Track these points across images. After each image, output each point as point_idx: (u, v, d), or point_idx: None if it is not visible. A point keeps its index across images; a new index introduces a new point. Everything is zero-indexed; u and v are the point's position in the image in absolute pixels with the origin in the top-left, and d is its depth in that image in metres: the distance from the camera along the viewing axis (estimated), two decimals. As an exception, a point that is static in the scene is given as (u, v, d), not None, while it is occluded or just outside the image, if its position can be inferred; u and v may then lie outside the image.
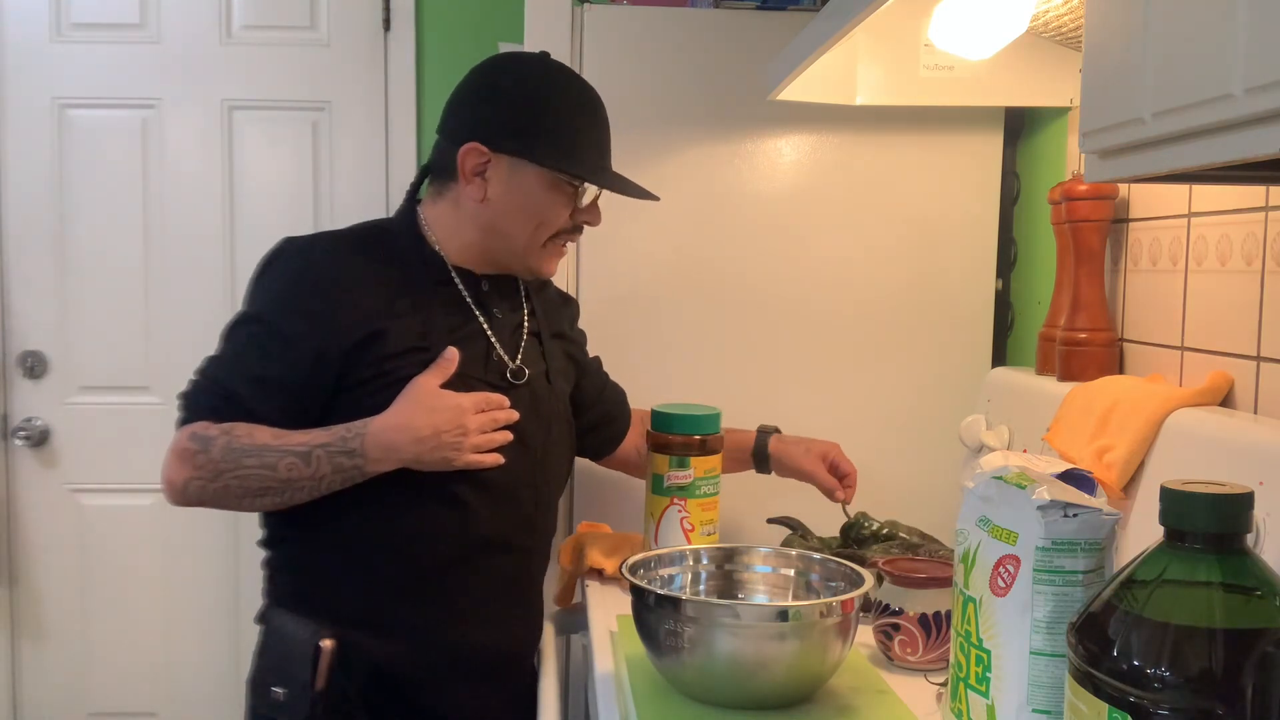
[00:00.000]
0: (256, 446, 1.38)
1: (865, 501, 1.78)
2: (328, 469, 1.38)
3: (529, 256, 1.51)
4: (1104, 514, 0.96)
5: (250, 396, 1.42)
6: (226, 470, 1.38)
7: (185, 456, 1.39)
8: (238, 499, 1.40)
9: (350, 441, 1.38)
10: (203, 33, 2.66)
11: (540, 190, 1.47)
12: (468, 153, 1.46)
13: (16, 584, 2.71)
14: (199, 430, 1.40)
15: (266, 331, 1.43)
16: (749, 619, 1.16)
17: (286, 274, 1.46)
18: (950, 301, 2.00)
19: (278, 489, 1.39)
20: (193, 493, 1.40)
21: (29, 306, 2.69)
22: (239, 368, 1.44)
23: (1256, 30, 0.66)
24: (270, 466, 1.38)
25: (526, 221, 1.48)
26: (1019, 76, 1.76)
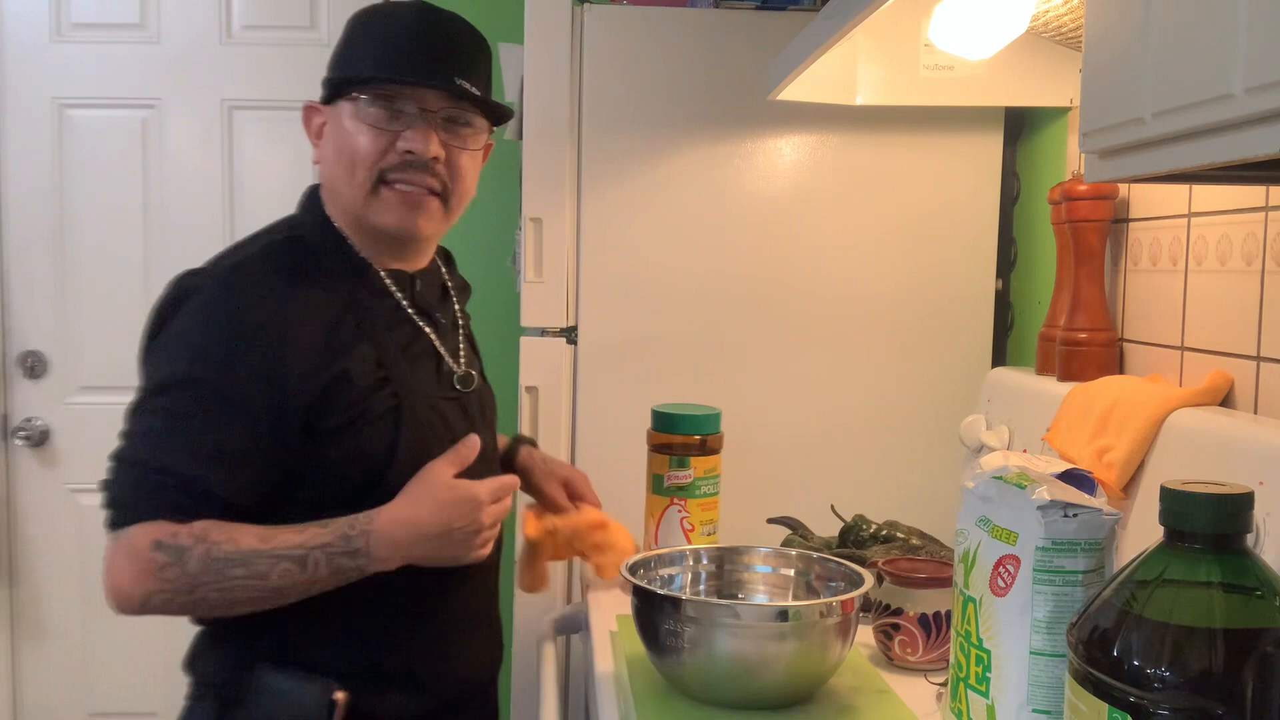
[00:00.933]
0: (242, 554, 1.18)
1: (865, 501, 1.78)
2: (326, 572, 1.21)
3: (365, 209, 1.31)
4: (1104, 514, 0.96)
5: (211, 478, 1.20)
6: (206, 583, 1.18)
7: (149, 568, 1.17)
8: (211, 609, 1.21)
9: (354, 540, 1.21)
10: (203, 33, 2.66)
11: (348, 124, 1.30)
12: (305, 115, 1.36)
13: (16, 584, 2.71)
14: (165, 538, 1.18)
15: (211, 395, 1.21)
16: (749, 619, 1.16)
17: (212, 322, 1.23)
18: (950, 301, 2.00)
19: (266, 598, 1.21)
20: (155, 605, 1.19)
21: (29, 306, 2.69)
22: (186, 444, 1.20)
23: (1256, 30, 0.66)
24: (261, 575, 1.19)
25: (343, 166, 1.30)
26: (1019, 76, 1.76)
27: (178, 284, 1.27)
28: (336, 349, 1.25)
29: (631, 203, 1.96)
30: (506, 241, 2.64)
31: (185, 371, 1.22)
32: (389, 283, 1.35)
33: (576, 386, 1.98)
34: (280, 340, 1.22)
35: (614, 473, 1.93)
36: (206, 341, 1.22)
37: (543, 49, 1.92)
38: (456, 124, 1.33)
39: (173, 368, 1.23)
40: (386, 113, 1.29)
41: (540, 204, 1.93)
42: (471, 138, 1.35)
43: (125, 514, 1.20)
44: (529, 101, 1.93)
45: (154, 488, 1.20)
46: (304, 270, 1.29)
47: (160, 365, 1.24)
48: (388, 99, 1.29)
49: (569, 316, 1.98)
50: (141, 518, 1.19)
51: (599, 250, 1.96)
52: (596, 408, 1.98)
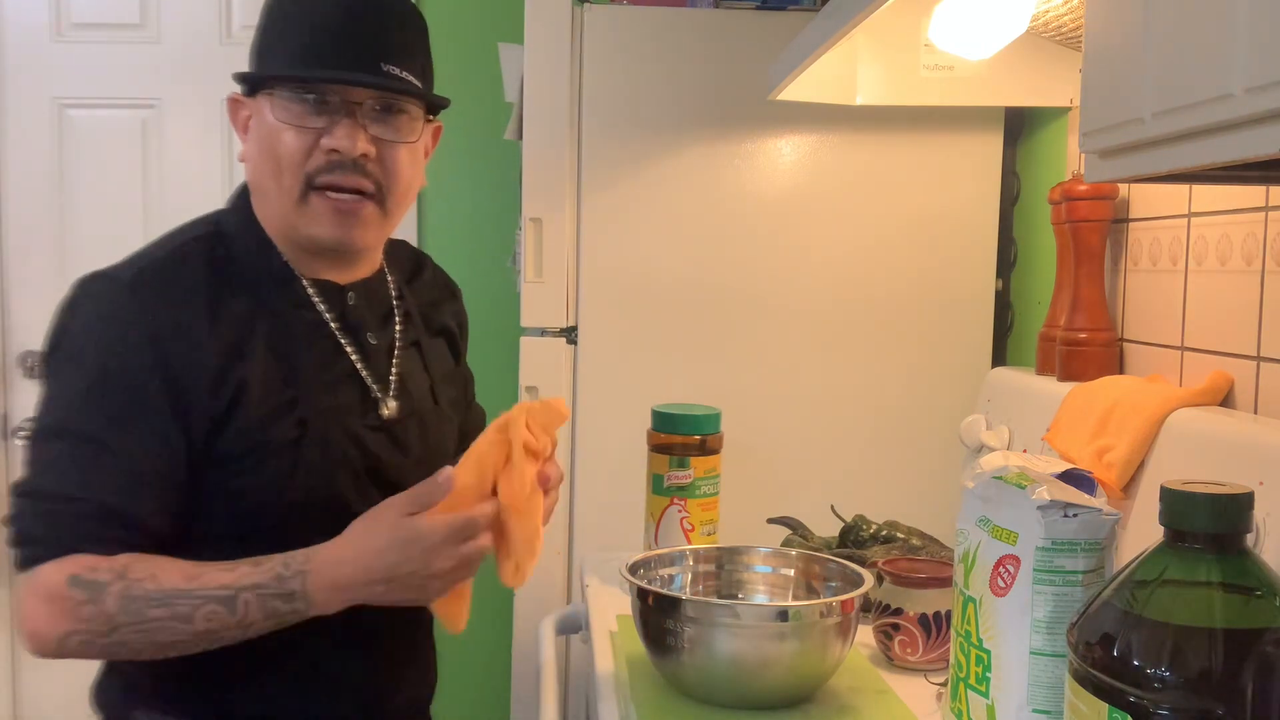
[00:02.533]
0: (164, 593, 1.07)
1: (865, 502, 1.78)
2: (258, 615, 1.08)
3: (295, 218, 1.18)
4: (1104, 514, 0.96)
5: (127, 503, 1.09)
6: (125, 624, 1.06)
7: (63, 607, 1.06)
8: (135, 652, 1.09)
9: (289, 581, 1.08)
10: (203, 33, 2.66)
11: (271, 123, 1.16)
12: (230, 107, 1.23)
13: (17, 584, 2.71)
14: (82, 573, 1.06)
15: (116, 414, 1.10)
16: (749, 619, 1.16)
17: (108, 336, 1.11)
18: (950, 301, 2.00)
19: (191, 641, 1.08)
20: (72, 647, 1.08)
21: (29, 306, 2.69)
22: (96, 469, 1.09)
23: (1256, 30, 0.66)
24: (184, 618, 1.07)
25: (268, 167, 1.17)
26: (1019, 76, 1.76)
27: (74, 292, 1.15)
28: (237, 363, 1.13)
29: (631, 203, 1.96)
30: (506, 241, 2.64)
31: (85, 390, 1.10)
32: (313, 295, 1.22)
33: (576, 386, 1.98)
34: (182, 353, 1.11)
35: (614, 473, 1.94)
36: (106, 355, 1.11)
37: (543, 49, 1.92)
38: (390, 113, 1.19)
39: (70, 390, 1.11)
40: (308, 107, 1.15)
41: (540, 204, 1.93)
42: (407, 128, 1.21)
43: (37, 550, 1.09)
44: (529, 101, 1.93)
45: (66, 519, 1.08)
46: (216, 275, 1.17)
47: (58, 385, 1.13)
48: (308, 91, 1.15)
49: (569, 316, 1.98)
50: (55, 553, 1.08)
51: (599, 250, 1.96)
52: (596, 408, 1.98)
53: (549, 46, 1.92)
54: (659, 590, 1.25)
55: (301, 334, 1.20)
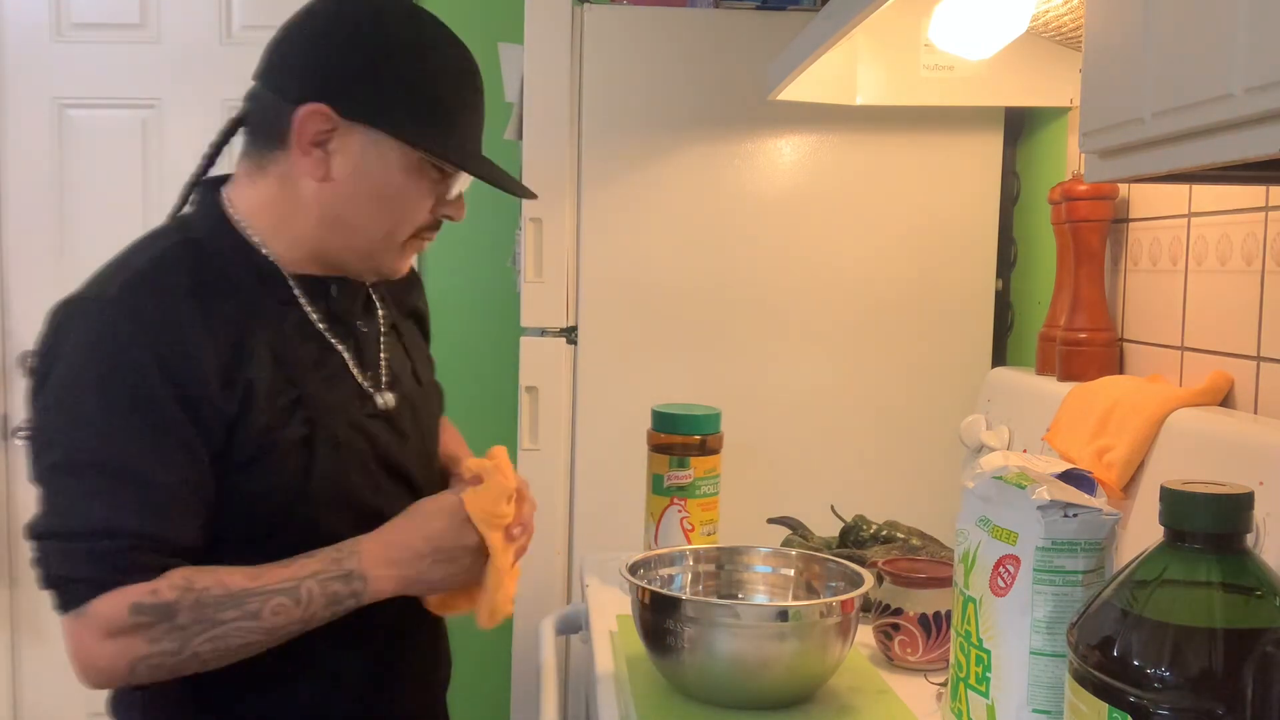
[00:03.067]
0: (232, 595, 1.07)
1: (865, 502, 1.78)
2: (321, 603, 1.10)
3: (381, 256, 1.21)
4: (1104, 514, 0.96)
5: (165, 526, 1.07)
6: (199, 634, 1.06)
7: (131, 636, 1.05)
8: (204, 663, 1.09)
9: (344, 562, 1.11)
10: (203, 33, 2.66)
11: (400, 175, 1.15)
12: (309, 117, 1.12)
13: (16, 584, 2.70)
14: (141, 599, 1.05)
15: (133, 435, 1.07)
16: (749, 619, 1.16)
17: (108, 355, 1.07)
18: (950, 301, 2.00)
19: (261, 640, 1.09)
20: (142, 673, 1.07)
21: (29, 306, 2.69)
22: (125, 498, 1.06)
23: (1256, 30, 0.66)
24: (254, 615, 1.07)
25: (381, 214, 1.17)
26: (1019, 76, 1.76)
27: (56, 317, 1.12)
28: (243, 365, 1.11)
29: (631, 203, 1.96)
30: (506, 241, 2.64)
31: (94, 419, 1.06)
32: (297, 292, 1.20)
33: (576, 386, 1.98)
34: (185, 363, 1.08)
35: (614, 473, 1.94)
36: (107, 378, 1.06)
37: (543, 49, 1.92)
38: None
39: (78, 417, 1.07)
40: (440, 178, 1.20)
41: (540, 204, 1.93)
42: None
43: (81, 589, 1.06)
44: (529, 101, 1.93)
45: (105, 555, 1.06)
46: (200, 279, 1.13)
47: (62, 417, 1.08)
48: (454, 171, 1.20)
49: (569, 316, 1.98)
50: (102, 589, 1.06)
51: (599, 250, 1.96)
52: (596, 408, 1.98)
53: (549, 46, 1.93)
54: (659, 590, 1.25)
55: (293, 333, 1.18)
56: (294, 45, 1.17)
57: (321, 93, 1.13)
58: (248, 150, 1.21)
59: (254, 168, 1.20)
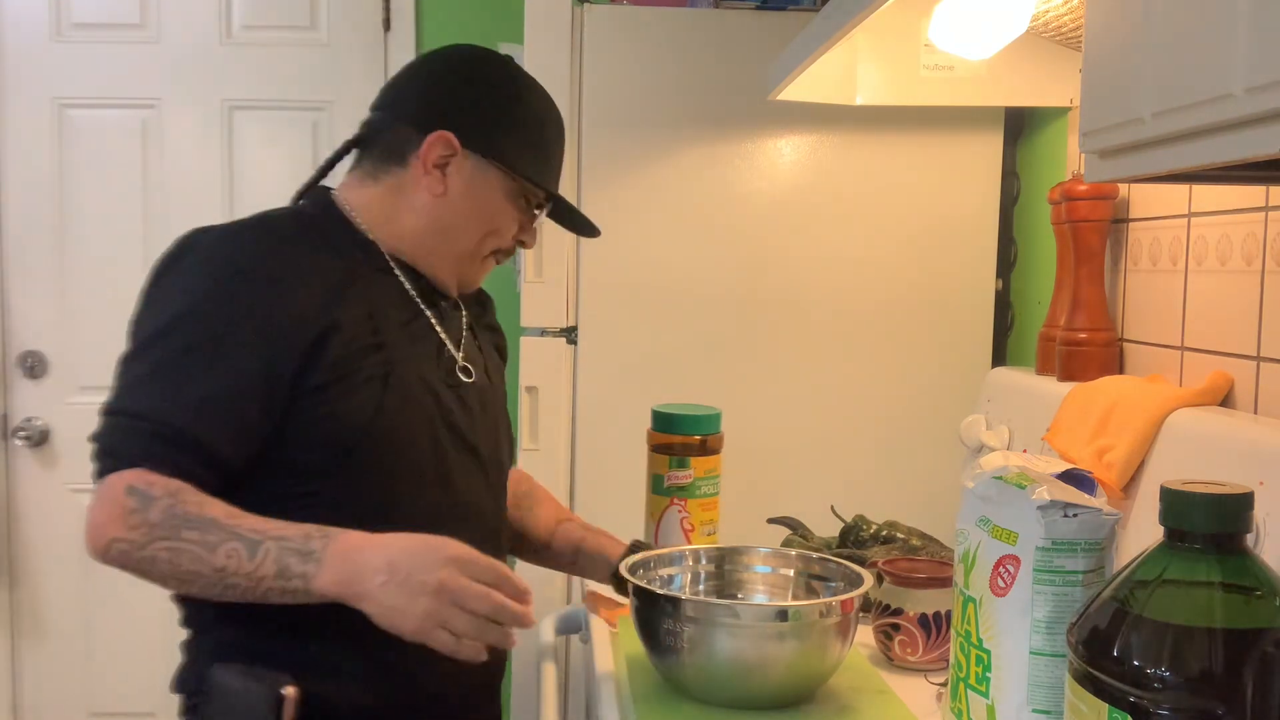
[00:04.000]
0: (202, 519, 1.13)
1: (865, 502, 1.78)
2: (271, 570, 1.12)
3: (467, 265, 1.39)
4: (1104, 514, 0.96)
5: (195, 424, 1.17)
6: (160, 539, 1.12)
7: (117, 512, 1.13)
8: (161, 577, 1.15)
9: (311, 541, 1.12)
10: (203, 33, 2.66)
11: (501, 198, 1.36)
12: (435, 142, 1.32)
13: (16, 584, 2.71)
14: (138, 483, 1.14)
15: (201, 339, 1.19)
16: (749, 619, 1.16)
17: (210, 268, 1.23)
18: (950, 301, 2.00)
19: (208, 578, 1.13)
20: (114, 555, 1.15)
21: (29, 306, 2.69)
22: (171, 391, 1.17)
23: (1256, 30, 0.66)
24: (209, 547, 1.12)
25: (479, 227, 1.36)
26: (1019, 76, 1.76)
27: (179, 240, 1.26)
28: (332, 305, 1.24)
29: (631, 203, 1.96)
30: (506, 241, 2.64)
31: (176, 319, 1.19)
32: (394, 265, 1.35)
33: (576, 386, 1.98)
34: (275, 290, 1.21)
35: (614, 473, 1.94)
36: (200, 289, 1.21)
37: (543, 49, 1.92)
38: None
39: (164, 316, 1.20)
40: (530, 206, 1.39)
41: (540, 204, 1.93)
42: None
43: (110, 462, 1.17)
44: (529, 101, 1.93)
45: (141, 436, 1.16)
46: (308, 236, 1.30)
47: (152, 315, 1.22)
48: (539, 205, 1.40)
49: (569, 316, 1.98)
50: (123, 465, 1.16)
51: (599, 250, 1.96)
52: (596, 408, 1.98)
53: (549, 46, 1.92)
54: (659, 590, 1.25)
55: (385, 293, 1.32)
56: (423, 81, 1.37)
57: (449, 124, 1.33)
58: (360, 162, 1.38)
59: (366, 176, 1.36)
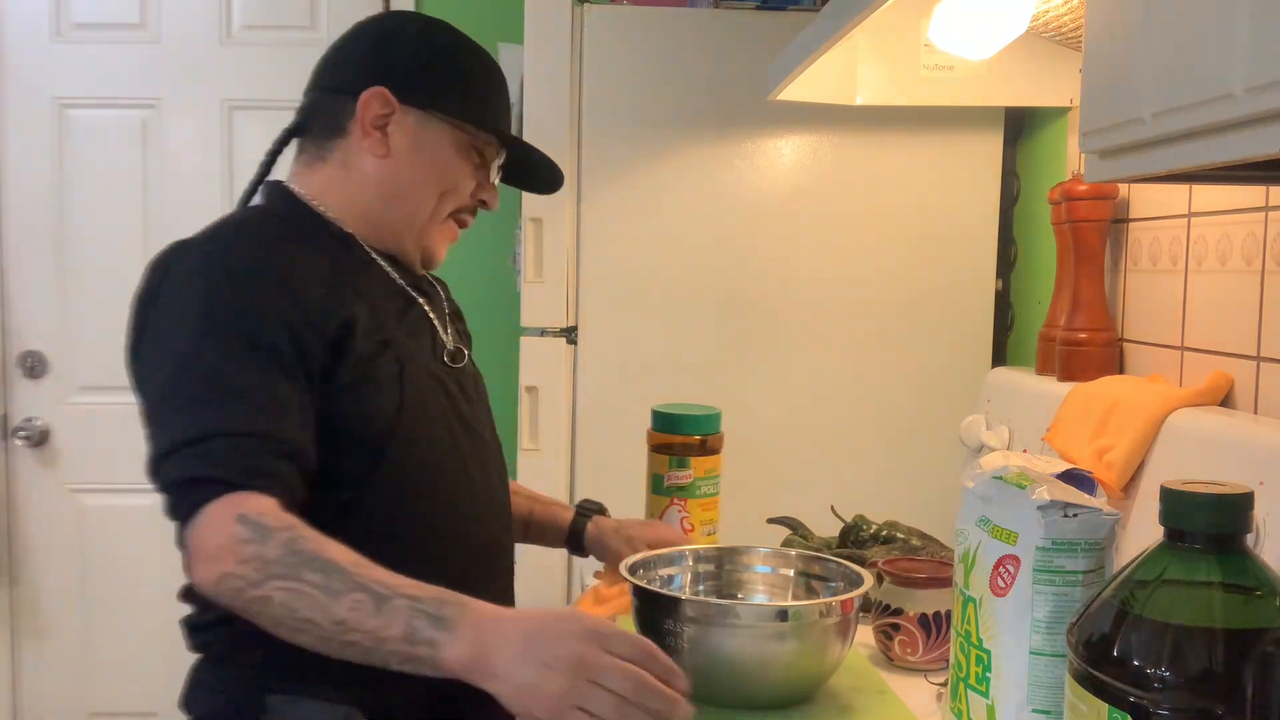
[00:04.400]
0: (325, 561, 1.01)
1: (865, 502, 1.78)
2: (399, 631, 0.99)
3: (426, 232, 1.31)
4: (1104, 514, 0.96)
5: (277, 427, 1.09)
6: (278, 578, 1.01)
7: (229, 544, 1.02)
8: (272, 621, 1.03)
9: (446, 605, 1.00)
10: (203, 33, 2.66)
11: (450, 151, 1.29)
12: (370, 99, 1.25)
13: (16, 584, 2.70)
14: (250, 512, 1.04)
15: (236, 348, 1.11)
16: (749, 619, 1.16)
17: (210, 279, 1.15)
18: (950, 301, 2.00)
19: (324, 630, 1.01)
20: (225, 591, 1.03)
21: (29, 306, 2.69)
22: (234, 401, 1.09)
23: (1257, 30, 0.66)
24: (332, 594, 1.00)
25: (432, 187, 1.29)
26: (1019, 76, 1.76)
27: (158, 262, 1.19)
28: (336, 303, 1.18)
29: (631, 203, 1.96)
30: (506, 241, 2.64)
31: (200, 335, 1.11)
32: (374, 254, 1.30)
33: (576, 386, 1.98)
34: (284, 290, 1.15)
35: (614, 473, 1.93)
36: (210, 300, 1.13)
37: (543, 49, 1.92)
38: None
39: (182, 337, 1.12)
40: (483, 160, 1.33)
41: (540, 204, 1.93)
42: None
43: (203, 492, 1.05)
44: (529, 101, 1.93)
45: (227, 456, 1.06)
46: (288, 234, 1.23)
47: (167, 340, 1.13)
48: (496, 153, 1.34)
49: (569, 316, 1.98)
50: (221, 491, 1.05)
51: (599, 250, 1.96)
52: (596, 408, 1.98)
53: (549, 46, 1.93)
54: (659, 590, 1.25)
55: (376, 285, 1.27)
56: (349, 49, 1.32)
57: (382, 80, 1.26)
58: (305, 147, 1.32)
59: (313, 158, 1.31)
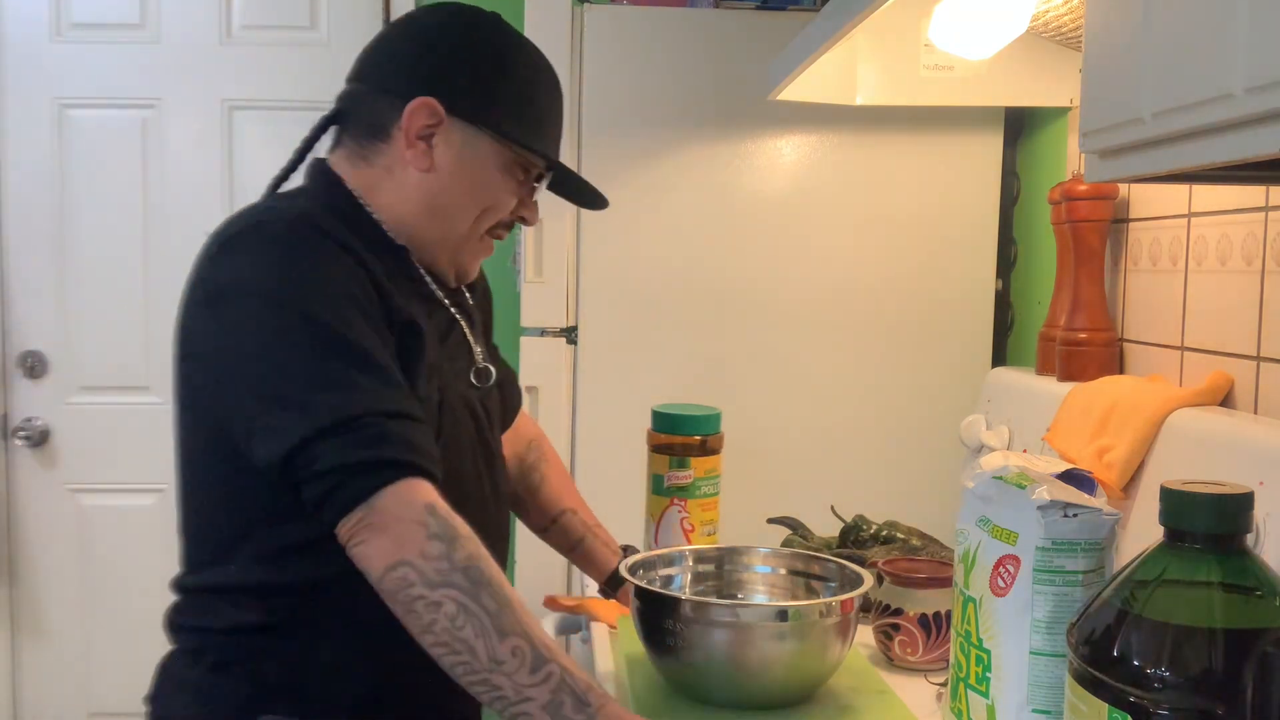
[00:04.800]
0: (503, 594, 1.00)
1: (865, 502, 1.78)
2: (544, 696, 0.97)
3: (463, 248, 1.25)
4: (1104, 514, 0.96)
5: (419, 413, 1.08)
6: (458, 588, 0.98)
7: (412, 532, 1.00)
8: (424, 626, 0.99)
9: (591, 694, 0.99)
10: (203, 33, 2.66)
11: (494, 170, 1.22)
12: (417, 110, 1.18)
13: (16, 584, 2.70)
14: (439, 506, 1.02)
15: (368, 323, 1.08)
16: (749, 619, 1.16)
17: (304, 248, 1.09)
18: (950, 301, 2.00)
19: (474, 662, 0.98)
20: (393, 579, 0.99)
21: (29, 306, 2.69)
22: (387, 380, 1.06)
23: (1257, 30, 0.66)
24: (501, 631, 0.98)
25: (473, 205, 1.23)
26: (1019, 76, 1.76)
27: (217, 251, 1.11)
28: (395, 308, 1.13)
29: (631, 203, 1.96)
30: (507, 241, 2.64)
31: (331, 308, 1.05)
32: (422, 270, 1.25)
33: (576, 386, 1.98)
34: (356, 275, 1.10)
35: (614, 473, 1.93)
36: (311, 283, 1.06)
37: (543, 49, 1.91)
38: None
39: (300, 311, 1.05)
40: (529, 180, 1.27)
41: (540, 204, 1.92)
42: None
43: (382, 475, 1.01)
44: (529, 101, 1.93)
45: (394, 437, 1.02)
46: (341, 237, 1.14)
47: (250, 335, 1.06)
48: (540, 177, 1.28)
49: (569, 316, 1.98)
50: (403, 473, 1.02)
51: (599, 250, 1.96)
52: (596, 408, 1.98)
53: (549, 46, 1.91)
54: (658, 590, 1.25)
55: (422, 303, 1.22)
56: (400, 46, 1.23)
57: (431, 89, 1.19)
58: (345, 142, 1.24)
59: (355, 156, 1.23)
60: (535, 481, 1.54)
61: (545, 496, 1.54)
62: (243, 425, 1.06)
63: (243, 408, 1.06)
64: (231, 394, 1.07)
